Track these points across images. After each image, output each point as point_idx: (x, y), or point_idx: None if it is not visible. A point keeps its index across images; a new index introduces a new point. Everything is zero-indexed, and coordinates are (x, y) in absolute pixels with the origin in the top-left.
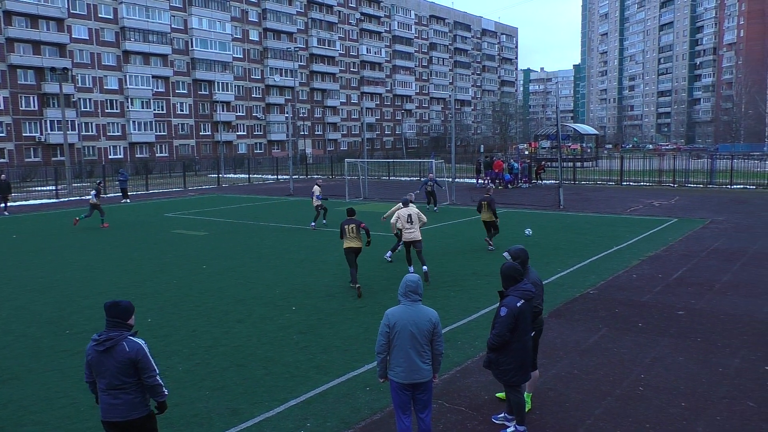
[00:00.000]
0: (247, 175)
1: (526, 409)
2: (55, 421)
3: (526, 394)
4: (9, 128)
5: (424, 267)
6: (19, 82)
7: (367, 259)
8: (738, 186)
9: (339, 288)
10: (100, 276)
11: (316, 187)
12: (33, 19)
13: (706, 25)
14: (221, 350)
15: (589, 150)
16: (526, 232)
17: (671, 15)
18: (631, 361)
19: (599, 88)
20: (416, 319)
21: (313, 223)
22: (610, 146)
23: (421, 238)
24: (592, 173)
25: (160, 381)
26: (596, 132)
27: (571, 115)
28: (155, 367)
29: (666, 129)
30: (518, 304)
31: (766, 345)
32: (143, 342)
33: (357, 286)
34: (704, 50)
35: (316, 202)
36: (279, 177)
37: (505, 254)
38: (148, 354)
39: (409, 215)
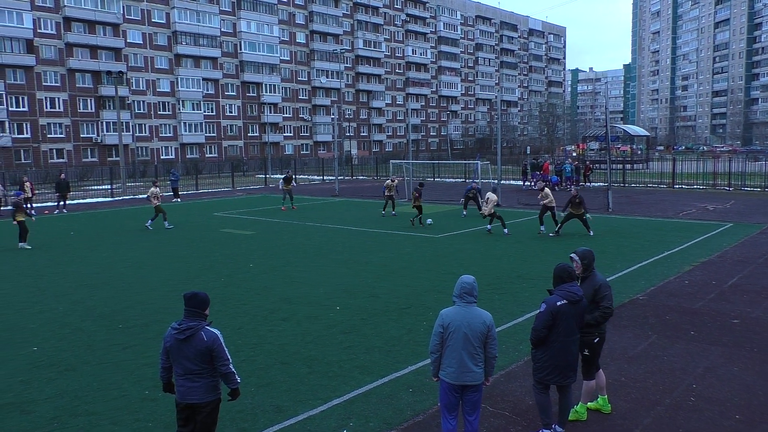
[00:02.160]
0: (294, 176)
1: (581, 419)
2: (107, 412)
3: (580, 405)
4: (68, 129)
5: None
6: (77, 85)
7: (412, 261)
8: None
9: (383, 288)
10: (150, 273)
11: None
12: (90, 25)
13: (765, 21)
14: (266, 348)
15: (639, 152)
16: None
17: (727, 12)
18: (682, 371)
19: (650, 88)
20: (470, 321)
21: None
22: (662, 148)
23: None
24: (642, 176)
25: (233, 369)
26: (647, 133)
27: (621, 116)
28: (229, 356)
29: (721, 130)
30: (558, 303)
31: None
32: (219, 332)
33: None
34: (763, 48)
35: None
36: (325, 178)
37: (573, 255)
38: (223, 344)
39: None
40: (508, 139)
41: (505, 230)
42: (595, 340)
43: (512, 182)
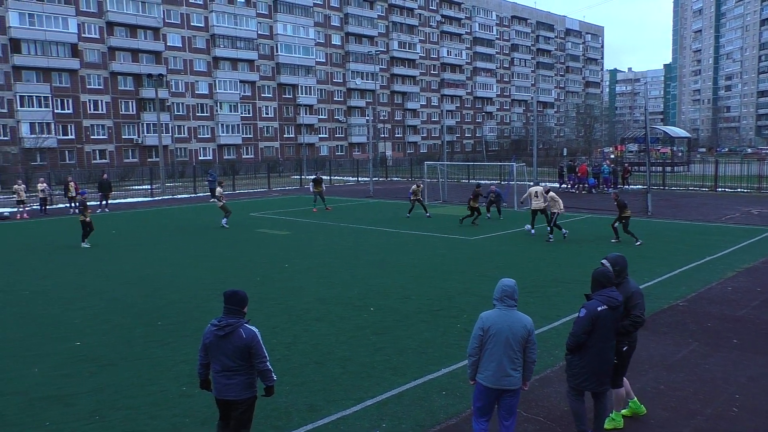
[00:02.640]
0: (328, 177)
1: (618, 427)
2: (145, 407)
3: (616, 412)
4: (110, 131)
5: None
6: (119, 87)
7: (446, 263)
8: None
9: (415, 290)
10: (188, 272)
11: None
12: (132, 29)
13: None
14: (300, 347)
15: (680, 154)
16: (527, 227)
17: None
18: (724, 380)
19: (692, 88)
20: (511, 325)
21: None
22: (704, 150)
23: (543, 207)
24: (683, 178)
25: (270, 367)
26: (688, 135)
27: (661, 117)
28: (266, 354)
29: (767, 132)
30: (599, 308)
31: None
32: (257, 330)
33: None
34: None
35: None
36: (359, 179)
37: (604, 261)
38: (261, 341)
39: (536, 192)
40: (544, 141)
41: (532, 231)
42: (624, 348)
43: (548, 184)
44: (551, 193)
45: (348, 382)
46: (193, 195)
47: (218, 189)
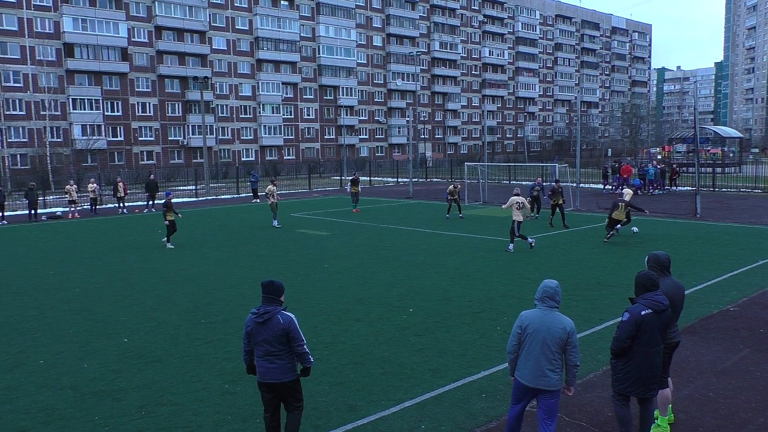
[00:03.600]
0: (368, 178)
1: None
2: (189, 404)
3: (661, 418)
4: (157, 133)
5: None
6: (166, 90)
7: (486, 265)
8: None
9: (456, 292)
10: (231, 271)
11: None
12: (179, 33)
13: None
14: (340, 347)
15: (731, 154)
16: (633, 230)
17: None
18: None
19: (745, 87)
20: (549, 326)
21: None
22: (757, 150)
23: (521, 219)
24: (734, 180)
25: (307, 350)
26: (740, 135)
27: (711, 116)
28: (303, 338)
29: None
30: (642, 312)
31: None
32: (293, 316)
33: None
34: None
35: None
36: (399, 180)
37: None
38: (298, 326)
39: (519, 202)
40: (588, 141)
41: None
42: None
43: (592, 185)
44: (517, 197)
45: (387, 382)
46: (236, 195)
47: (270, 187)
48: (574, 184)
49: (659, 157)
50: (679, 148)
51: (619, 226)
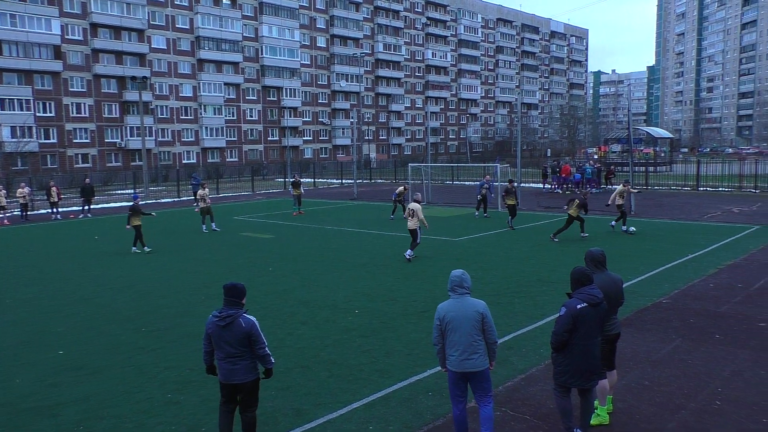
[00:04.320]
0: (312, 180)
1: (603, 423)
2: (131, 415)
3: (600, 408)
4: (93, 134)
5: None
6: (102, 90)
7: (432, 264)
8: None
9: (401, 292)
10: (173, 277)
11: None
12: (116, 31)
13: None
14: (286, 351)
15: (663, 154)
16: (631, 230)
17: (754, 13)
18: (707, 374)
19: (675, 90)
20: (464, 311)
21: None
22: (686, 150)
23: (413, 228)
24: (666, 178)
25: (269, 351)
26: (671, 135)
27: (644, 118)
28: (264, 340)
29: (747, 132)
30: (578, 306)
31: None
32: (255, 319)
33: None
34: None
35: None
36: (343, 181)
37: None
38: (259, 329)
39: (414, 210)
40: (528, 142)
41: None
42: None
43: (532, 185)
44: (413, 204)
45: (334, 385)
46: (177, 199)
47: (200, 191)
48: (516, 184)
49: (596, 156)
50: (615, 148)
51: (613, 223)
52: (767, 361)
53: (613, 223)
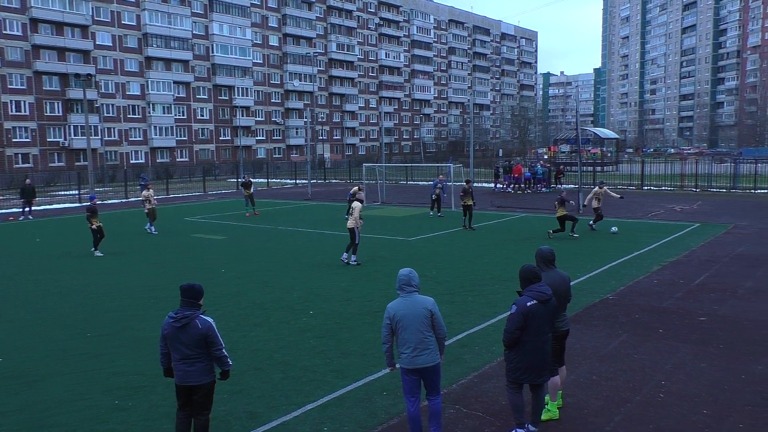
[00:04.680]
0: (266, 180)
1: (554, 418)
2: (77, 424)
3: (551, 403)
4: (34, 134)
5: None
6: (44, 88)
7: (386, 264)
8: (762, 191)
9: (356, 292)
10: (121, 280)
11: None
12: (58, 27)
13: (730, 27)
14: (239, 354)
15: (609, 154)
16: (612, 230)
17: (694, 18)
18: (652, 368)
19: (620, 91)
20: (413, 308)
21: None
22: (631, 150)
23: (351, 227)
24: (612, 177)
25: (226, 353)
26: (617, 136)
27: (592, 119)
28: (222, 342)
29: (688, 133)
30: (528, 303)
31: None
32: (212, 320)
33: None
34: (728, 53)
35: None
36: (297, 181)
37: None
38: (217, 331)
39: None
40: (481, 142)
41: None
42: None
43: (484, 185)
44: (355, 202)
45: (289, 387)
46: (124, 200)
47: (145, 192)
48: (473, 184)
49: (546, 157)
50: (564, 148)
51: (592, 224)
52: (707, 354)
53: (614, 229)
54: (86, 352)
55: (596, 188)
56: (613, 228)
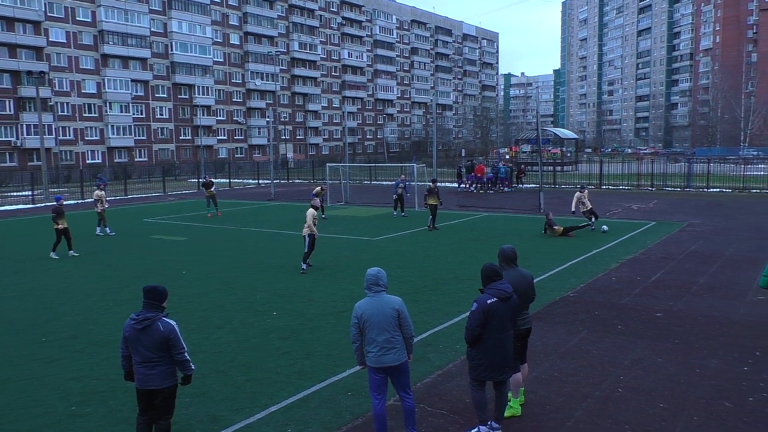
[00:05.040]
0: (227, 180)
1: (516, 415)
2: (32, 430)
3: (513, 400)
4: None
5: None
6: None
7: (350, 264)
8: (714, 189)
9: (319, 292)
10: (77, 283)
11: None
12: (9, 22)
13: (683, 31)
14: (201, 357)
15: (569, 154)
16: (603, 228)
17: (649, 21)
18: (611, 363)
19: (579, 92)
20: (381, 308)
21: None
22: (590, 150)
23: (303, 234)
24: (572, 177)
25: (188, 357)
26: (576, 136)
27: (552, 119)
28: (184, 345)
29: (644, 133)
30: (489, 301)
31: (743, 346)
32: (175, 323)
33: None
34: (681, 56)
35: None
36: (260, 182)
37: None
38: (179, 334)
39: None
40: (444, 142)
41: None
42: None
43: (448, 184)
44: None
45: (252, 389)
46: (80, 201)
47: (98, 192)
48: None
49: (507, 157)
50: (525, 148)
51: (604, 228)
52: (663, 349)
53: (604, 227)
54: (41, 357)
55: (578, 193)
56: (603, 227)
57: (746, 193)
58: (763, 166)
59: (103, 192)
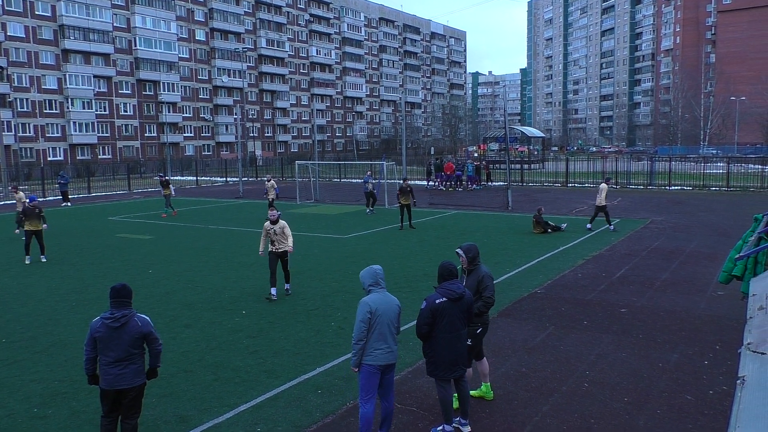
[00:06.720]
0: (194, 178)
1: (487, 397)
2: None
3: (484, 384)
4: None
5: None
6: None
7: (320, 262)
8: (676, 187)
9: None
10: (38, 282)
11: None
12: None
13: (645, 31)
14: (168, 356)
15: (536, 152)
16: (563, 226)
17: (612, 21)
18: (577, 358)
19: (545, 91)
20: (389, 305)
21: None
22: (556, 149)
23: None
24: (538, 175)
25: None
26: (543, 135)
27: (519, 118)
28: (159, 337)
29: (608, 132)
30: (437, 301)
31: (703, 340)
32: (148, 317)
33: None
34: (643, 56)
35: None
36: (228, 179)
37: (458, 250)
38: (153, 327)
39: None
40: (413, 140)
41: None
42: (478, 331)
43: (417, 182)
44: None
45: (221, 388)
46: (42, 199)
47: (19, 194)
48: (401, 181)
49: (476, 155)
50: (493, 146)
51: (611, 227)
52: (627, 344)
53: (563, 225)
54: (1, 359)
55: (604, 185)
56: (563, 225)
57: (706, 191)
58: (721, 164)
59: (21, 194)
